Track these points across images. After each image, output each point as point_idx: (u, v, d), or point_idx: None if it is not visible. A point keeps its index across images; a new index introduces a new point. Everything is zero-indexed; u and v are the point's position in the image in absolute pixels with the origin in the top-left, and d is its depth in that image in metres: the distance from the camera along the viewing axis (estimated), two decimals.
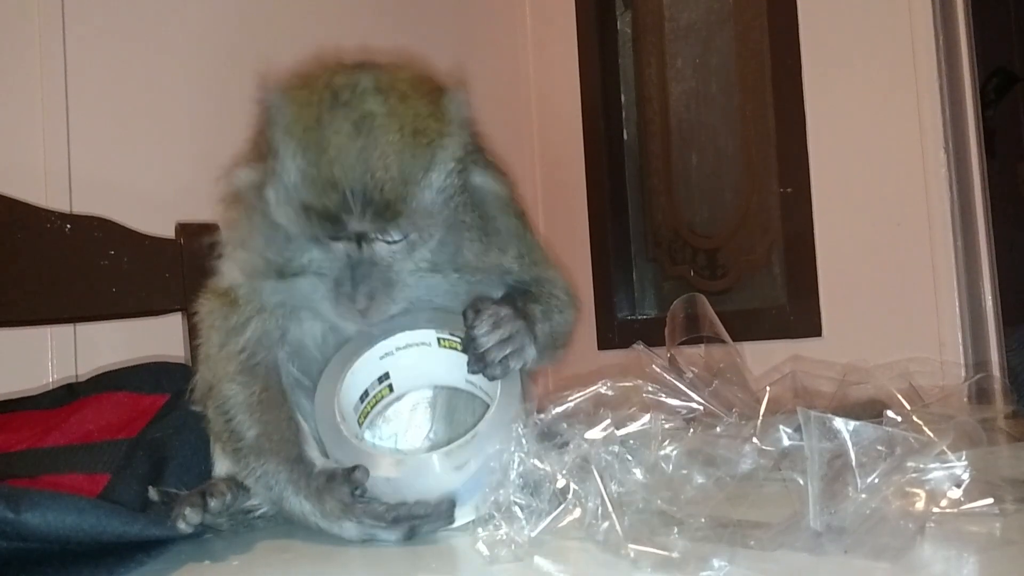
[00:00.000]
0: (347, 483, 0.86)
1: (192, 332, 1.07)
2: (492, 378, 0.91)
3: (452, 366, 0.96)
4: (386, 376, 0.97)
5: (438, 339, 0.96)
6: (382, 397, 0.98)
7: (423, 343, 0.96)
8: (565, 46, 2.56)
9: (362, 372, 0.95)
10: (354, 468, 0.86)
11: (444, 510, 0.85)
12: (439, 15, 2.50)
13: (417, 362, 0.96)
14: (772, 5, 2.10)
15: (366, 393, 0.95)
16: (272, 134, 0.90)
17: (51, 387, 1.62)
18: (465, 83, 0.96)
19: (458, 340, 0.94)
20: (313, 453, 0.93)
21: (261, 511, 0.96)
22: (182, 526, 0.87)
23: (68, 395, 1.25)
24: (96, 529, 0.74)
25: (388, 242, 0.90)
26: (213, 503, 0.91)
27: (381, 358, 0.95)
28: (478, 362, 0.91)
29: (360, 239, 0.89)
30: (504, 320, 0.92)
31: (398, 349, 0.96)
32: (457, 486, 0.84)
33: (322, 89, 0.90)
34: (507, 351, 0.91)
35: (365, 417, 0.97)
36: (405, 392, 1.00)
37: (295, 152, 0.87)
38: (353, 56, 1.00)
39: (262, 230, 0.93)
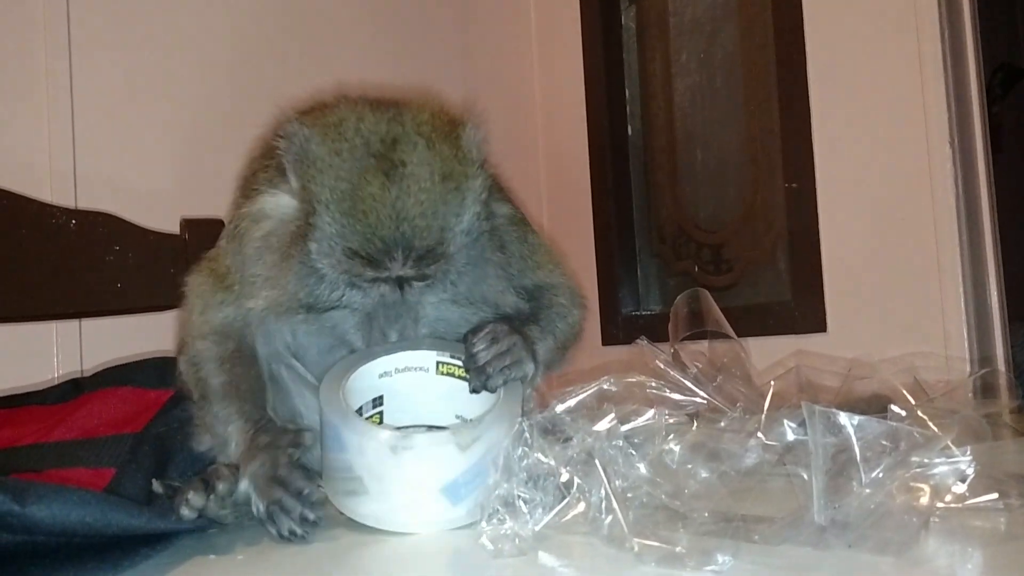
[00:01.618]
0: (288, 446, 0.91)
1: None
2: (492, 389, 0.93)
3: (446, 400, 0.98)
4: (380, 400, 0.99)
5: (437, 363, 0.98)
6: (372, 421, 0.99)
7: (421, 368, 0.98)
8: (569, 41, 2.56)
9: (361, 383, 0.95)
10: (301, 429, 0.93)
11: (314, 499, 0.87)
12: (443, 12, 2.49)
13: (412, 391, 0.98)
14: (777, 0, 2.09)
15: (360, 410, 0.96)
16: (301, 174, 0.93)
17: (56, 382, 1.62)
18: (480, 117, 0.99)
19: (457, 363, 0.97)
20: (272, 414, 0.99)
21: None
22: (185, 512, 0.87)
23: (74, 390, 1.26)
24: (101, 523, 0.74)
25: (423, 282, 0.95)
26: (221, 486, 0.92)
27: (380, 376, 0.97)
28: (478, 375, 0.94)
29: (400, 282, 0.94)
30: (501, 335, 0.96)
31: (396, 371, 0.98)
32: (458, 472, 0.84)
33: (352, 136, 0.93)
34: (506, 362, 0.94)
35: None
36: (391, 423, 1.01)
37: (332, 204, 0.91)
38: (365, 86, 1.04)
39: (295, 271, 0.95)
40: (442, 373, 0.98)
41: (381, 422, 0.99)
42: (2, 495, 0.69)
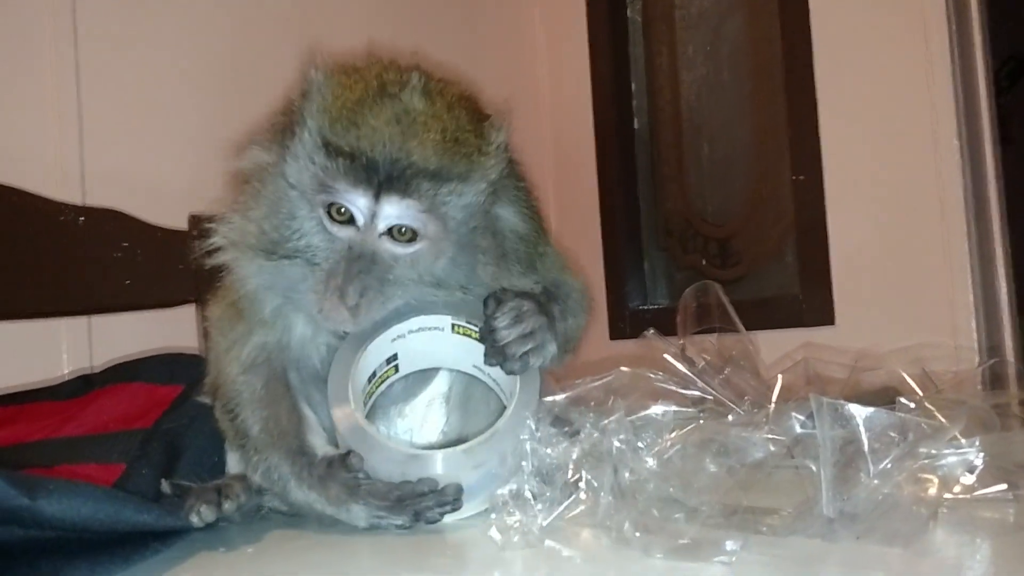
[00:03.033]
0: (344, 467, 0.86)
1: (205, 331, 1.08)
2: (511, 372, 0.90)
3: (461, 351, 0.96)
4: (394, 357, 0.97)
5: (452, 325, 0.95)
6: (387, 377, 0.98)
7: (436, 328, 0.95)
8: (576, 36, 2.56)
9: (373, 354, 0.94)
10: (348, 453, 0.86)
11: (451, 493, 0.84)
12: (450, 7, 2.49)
13: (426, 345, 0.96)
14: None
15: (374, 374, 0.95)
16: (304, 106, 0.88)
17: (66, 378, 1.63)
18: (509, 116, 0.96)
19: (474, 328, 0.93)
20: (316, 441, 0.93)
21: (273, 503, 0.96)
22: (195, 520, 0.87)
23: (84, 386, 1.27)
24: (111, 518, 0.74)
25: (395, 233, 0.88)
26: (227, 505, 0.91)
27: (393, 340, 0.95)
28: (497, 355, 0.90)
29: (373, 215, 0.87)
30: (527, 314, 0.91)
31: (410, 332, 0.95)
32: (472, 481, 0.84)
33: (371, 79, 0.89)
34: (528, 347, 0.90)
35: (370, 397, 0.97)
36: (410, 372, 1.00)
37: (330, 119, 0.86)
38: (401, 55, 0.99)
39: (267, 200, 0.91)
40: (457, 333, 0.95)
41: (397, 371, 0.98)
42: (13, 490, 0.70)
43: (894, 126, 1.87)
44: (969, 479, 0.75)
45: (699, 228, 2.37)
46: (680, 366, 1.05)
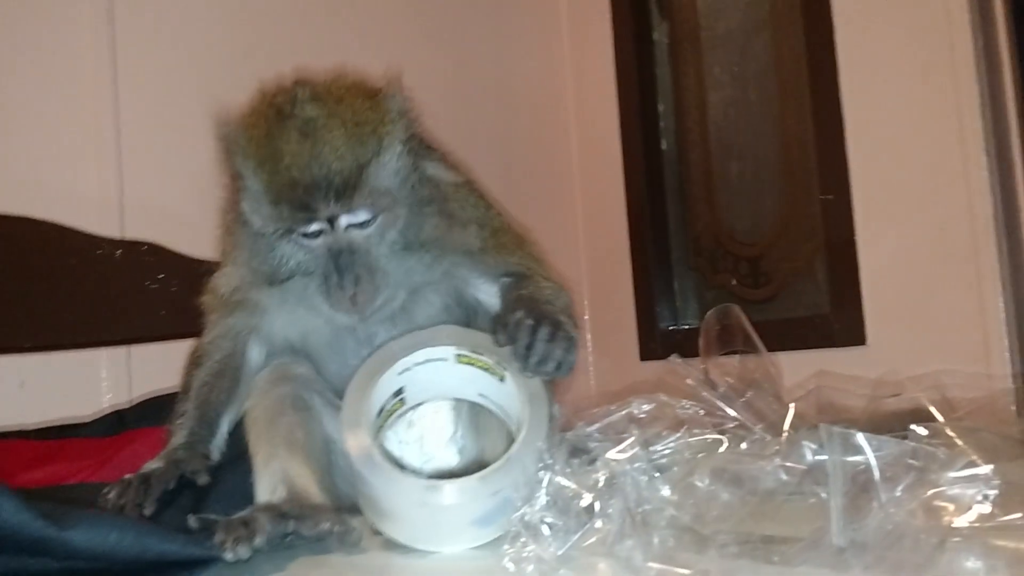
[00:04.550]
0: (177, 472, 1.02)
1: None
2: (555, 377, 0.95)
3: (466, 380, 1.00)
4: (400, 391, 1.00)
5: (457, 355, 0.99)
6: (395, 410, 1.01)
7: (441, 359, 1.00)
8: (602, 58, 2.57)
9: (382, 388, 0.97)
10: (199, 471, 1.02)
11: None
12: (477, 29, 2.52)
13: (432, 376, 1.00)
14: (808, 11, 2.09)
15: (382, 408, 0.98)
16: (234, 160, 1.02)
17: (106, 409, 1.67)
18: (400, 81, 1.07)
19: (479, 358, 0.98)
20: (223, 427, 1.11)
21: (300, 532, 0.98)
22: (230, 556, 0.88)
23: (119, 423, 1.31)
24: (137, 548, 0.77)
25: (359, 225, 1.00)
26: (258, 540, 0.90)
27: (399, 374, 0.99)
28: (537, 370, 0.94)
29: (332, 221, 0.99)
30: (539, 324, 0.95)
31: (416, 364, 0.99)
32: (487, 509, 0.86)
33: (266, 108, 1.02)
34: (558, 351, 0.94)
35: (379, 431, 0.99)
36: (417, 403, 1.03)
37: (255, 165, 0.99)
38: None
39: (246, 244, 1.06)
40: (462, 363, 1.00)
41: (404, 404, 1.02)
42: (42, 520, 0.72)
43: (921, 143, 1.86)
44: (986, 507, 0.75)
45: (729, 247, 2.37)
46: (702, 391, 1.06)
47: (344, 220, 0.99)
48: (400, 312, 1.08)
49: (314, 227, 0.99)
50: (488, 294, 1.12)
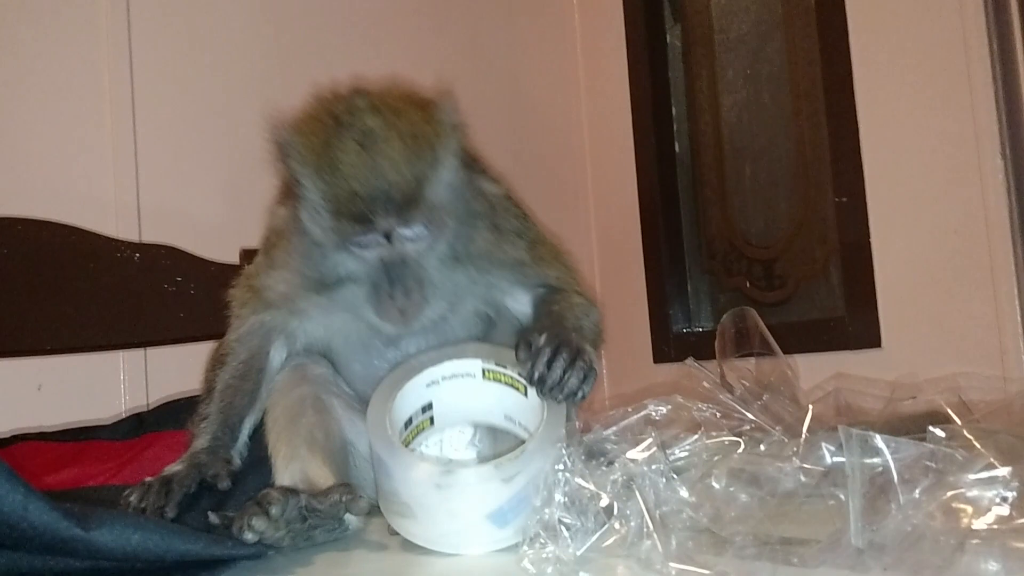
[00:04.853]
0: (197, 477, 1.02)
1: None
2: (567, 402, 0.95)
3: (493, 401, 1.01)
4: (429, 407, 1.01)
5: (483, 370, 1.00)
6: (423, 428, 1.02)
7: (468, 374, 1.01)
8: (615, 61, 2.58)
9: (409, 397, 0.98)
10: (220, 474, 1.02)
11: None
12: (490, 32, 2.53)
13: (459, 396, 1.01)
14: (821, 14, 2.09)
15: (410, 420, 0.99)
16: (290, 166, 1.01)
17: (124, 411, 1.69)
18: (452, 92, 1.07)
19: (503, 372, 0.99)
20: (245, 431, 1.10)
21: (322, 527, 0.99)
22: (248, 536, 0.89)
23: (139, 425, 1.31)
24: (161, 547, 0.77)
25: (412, 238, 1.00)
26: (274, 510, 0.92)
27: (427, 386, 1.00)
28: (551, 395, 0.94)
29: (388, 235, 0.99)
30: (560, 348, 0.96)
31: (444, 379, 1.00)
32: (503, 501, 0.86)
33: (324, 116, 1.02)
34: (574, 378, 0.95)
35: (407, 444, 1.00)
36: (444, 426, 1.04)
37: (314, 175, 0.99)
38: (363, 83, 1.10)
39: (299, 251, 1.05)
40: (488, 379, 1.01)
41: (432, 424, 1.03)
42: (67, 521, 0.73)
43: (936, 145, 1.85)
44: (1003, 509, 0.75)
45: (742, 250, 2.37)
46: (718, 394, 1.06)
47: (400, 233, 0.99)
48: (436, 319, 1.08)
49: (370, 238, 1.00)
50: (521, 303, 1.13)
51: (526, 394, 0.98)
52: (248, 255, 1.68)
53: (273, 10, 2.12)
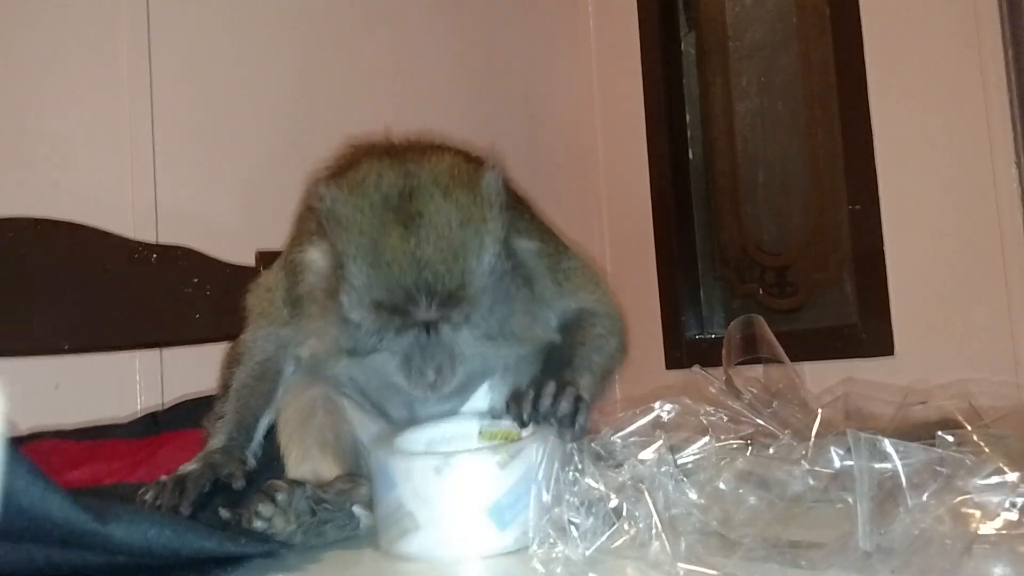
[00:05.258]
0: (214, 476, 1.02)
1: None
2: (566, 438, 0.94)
3: None
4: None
5: (480, 430, 1.03)
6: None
7: (464, 435, 1.03)
8: (629, 68, 2.59)
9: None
10: (233, 474, 1.03)
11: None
12: (504, 39, 2.55)
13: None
14: (836, 22, 2.09)
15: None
16: (331, 232, 1.00)
17: (139, 411, 1.71)
18: (498, 160, 1.04)
19: (498, 427, 1.01)
20: (259, 431, 1.12)
21: (332, 521, 0.99)
22: (258, 524, 0.91)
23: (153, 424, 1.33)
24: (176, 543, 0.78)
25: (450, 326, 0.99)
26: (280, 496, 0.94)
27: (424, 445, 1.01)
28: (547, 418, 0.94)
29: (428, 326, 0.98)
30: (547, 393, 0.96)
31: (443, 440, 1.02)
32: (501, 492, 0.86)
33: (372, 193, 0.99)
34: (565, 404, 0.95)
35: None
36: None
37: (357, 258, 0.97)
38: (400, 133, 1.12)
39: (336, 320, 1.03)
40: (485, 438, 1.03)
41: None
42: (85, 515, 0.74)
43: (950, 153, 1.85)
44: (1012, 514, 0.75)
45: (755, 257, 2.37)
46: (726, 399, 1.06)
47: (437, 320, 0.99)
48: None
49: (408, 327, 0.99)
50: (550, 334, 1.12)
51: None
52: (263, 257, 1.70)
53: (292, 13, 2.14)
